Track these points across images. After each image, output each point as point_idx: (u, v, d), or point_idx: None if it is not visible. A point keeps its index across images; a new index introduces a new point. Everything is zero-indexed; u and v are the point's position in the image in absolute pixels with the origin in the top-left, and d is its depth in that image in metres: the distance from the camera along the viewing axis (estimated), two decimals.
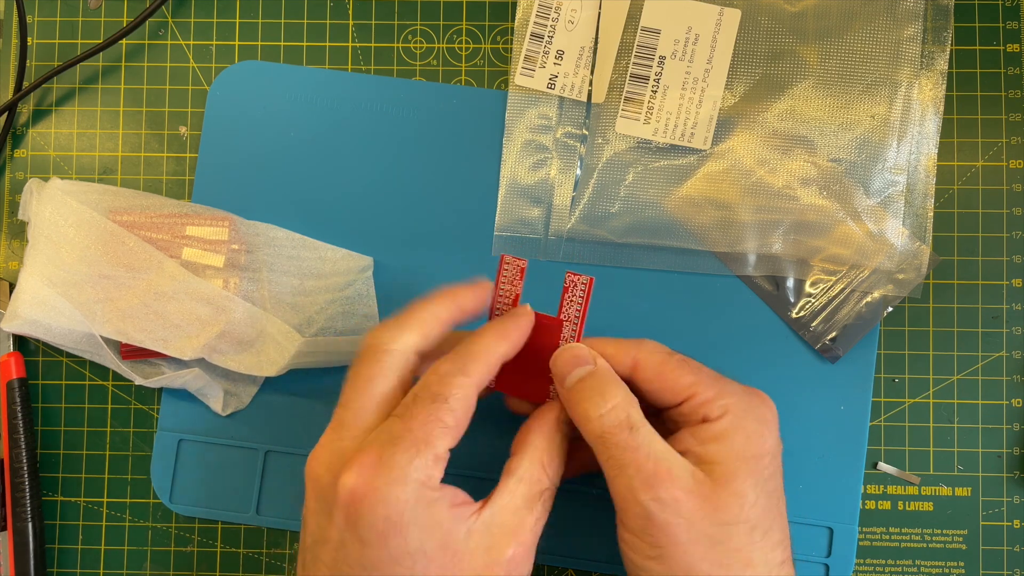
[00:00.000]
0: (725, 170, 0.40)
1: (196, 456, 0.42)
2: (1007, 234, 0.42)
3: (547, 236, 0.41)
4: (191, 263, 0.40)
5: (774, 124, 0.40)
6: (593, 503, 0.41)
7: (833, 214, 0.40)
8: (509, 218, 0.41)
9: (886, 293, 0.40)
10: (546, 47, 0.41)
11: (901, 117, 0.40)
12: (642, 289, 0.41)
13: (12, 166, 0.44)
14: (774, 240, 0.40)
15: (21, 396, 0.41)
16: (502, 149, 0.41)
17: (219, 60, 0.43)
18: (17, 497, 0.41)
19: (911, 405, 0.41)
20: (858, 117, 0.40)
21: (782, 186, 0.40)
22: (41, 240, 0.40)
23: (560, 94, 0.41)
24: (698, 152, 0.41)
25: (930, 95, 0.41)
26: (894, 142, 0.40)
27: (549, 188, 0.41)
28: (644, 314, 0.41)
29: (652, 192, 0.41)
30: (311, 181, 0.42)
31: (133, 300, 0.40)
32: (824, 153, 0.40)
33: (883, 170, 0.40)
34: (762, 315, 0.41)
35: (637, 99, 0.41)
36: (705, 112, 0.40)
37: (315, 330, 0.40)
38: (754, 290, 0.41)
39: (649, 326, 0.41)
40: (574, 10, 0.41)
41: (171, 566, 0.42)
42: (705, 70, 0.40)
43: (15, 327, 0.39)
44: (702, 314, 0.41)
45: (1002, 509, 0.41)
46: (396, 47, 0.43)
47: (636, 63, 0.41)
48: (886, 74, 0.40)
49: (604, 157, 0.41)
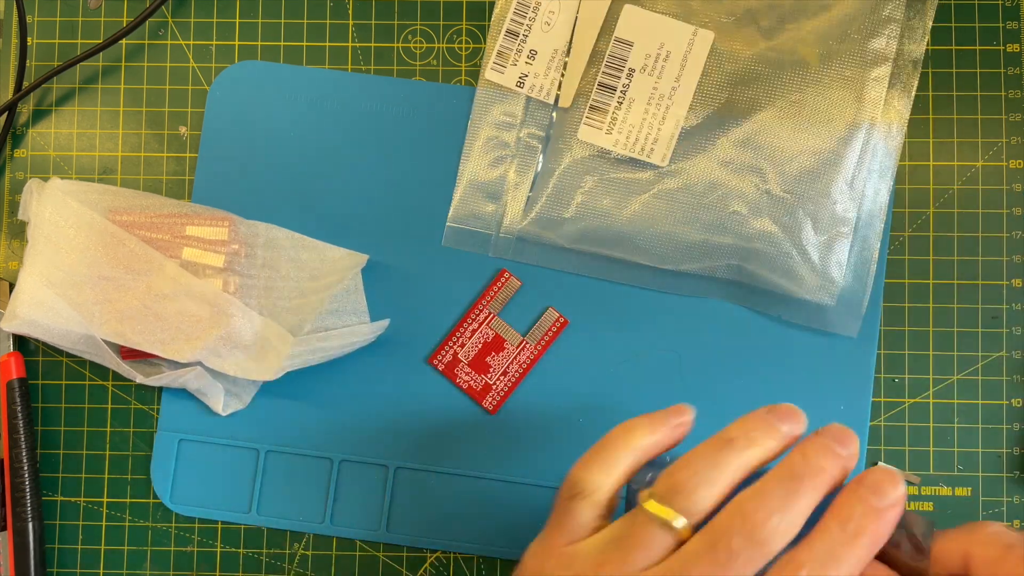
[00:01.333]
0: (679, 189, 0.40)
1: (196, 456, 0.42)
2: (1007, 234, 0.42)
3: (498, 233, 0.41)
4: (191, 263, 0.40)
5: (732, 149, 0.40)
6: None
7: (780, 244, 0.40)
8: (463, 210, 0.41)
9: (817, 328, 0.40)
10: (520, 45, 0.41)
11: (858, 158, 0.40)
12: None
13: (12, 166, 0.44)
14: (719, 263, 0.40)
15: (21, 396, 0.41)
16: (463, 141, 0.42)
17: (219, 60, 0.43)
18: (17, 497, 0.41)
19: (911, 405, 0.42)
20: (815, 153, 0.40)
21: (733, 211, 0.40)
22: (41, 240, 0.39)
23: (528, 94, 0.41)
24: (655, 168, 0.41)
25: (891, 141, 0.40)
26: (847, 182, 0.40)
27: (506, 186, 0.41)
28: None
29: (606, 202, 0.41)
30: (311, 181, 0.42)
31: (132, 302, 0.40)
32: (778, 183, 0.40)
33: (833, 208, 0.40)
34: (748, 320, 0.41)
35: (602, 108, 0.41)
36: (667, 129, 0.40)
37: (307, 330, 0.40)
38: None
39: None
40: (552, 12, 0.41)
41: (171, 566, 0.42)
42: (672, 87, 0.40)
43: (14, 327, 0.39)
44: (689, 327, 0.41)
45: (1002, 509, 0.41)
46: (396, 47, 0.43)
47: (605, 72, 0.41)
48: (848, 114, 0.40)
49: (564, 162, 0.41)
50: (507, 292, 0.41)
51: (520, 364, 0.41)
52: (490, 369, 0.41)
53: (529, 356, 0.41)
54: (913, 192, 0.42)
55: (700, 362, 0.41)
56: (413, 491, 0.41)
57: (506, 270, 0.41)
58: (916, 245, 0.42)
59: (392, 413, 0.41)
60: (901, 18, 0.40)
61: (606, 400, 0.41)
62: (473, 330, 0.41)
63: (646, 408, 0.41)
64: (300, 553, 0.42)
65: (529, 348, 0.41)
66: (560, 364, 0.41)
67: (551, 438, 0.41)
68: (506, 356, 0.41)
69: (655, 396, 0.41)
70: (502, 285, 0.41)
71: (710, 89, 0.41)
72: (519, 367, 0.41)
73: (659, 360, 0.41)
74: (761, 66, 0.40)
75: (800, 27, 0.40)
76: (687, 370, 0.41)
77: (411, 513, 0.41)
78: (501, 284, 0.41)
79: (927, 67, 0.42)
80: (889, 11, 0.40)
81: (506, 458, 0.41)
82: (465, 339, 0.41)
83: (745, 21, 0.41)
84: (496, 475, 0.41)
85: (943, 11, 0.42)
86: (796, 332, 0.41)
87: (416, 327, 0.42)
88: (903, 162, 0.42)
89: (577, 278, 0.41)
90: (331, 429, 0.42)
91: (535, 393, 0.41)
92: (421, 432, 0.41)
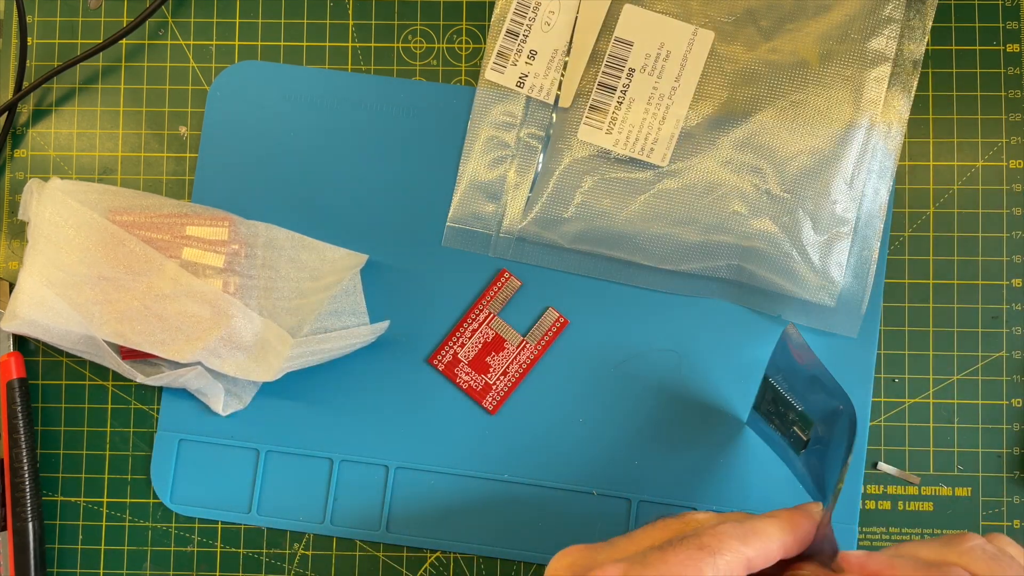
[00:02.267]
0: (679, 189, 0.40)
1: (196, 456, 0.42)
2: (1007, 234, 0.42)
3: (498, 233, 0.41)
4: (191, 263, 0.40)
5: (732, 149, 0.40)
6: (591, 502, 0.41)
7: (780, 244, 0.40)
8: (463, 211, 0.41)
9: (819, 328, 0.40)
10: (519, 45, 0.41)
11: (858, 158, 0.40)
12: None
13: (12, 166, 0.44)
14: (719, 263, 0.40)
15: (21, 396, 0.41)
16: (463, 141, 0.42)
17: (219, 60, 0.43)
18: (17, 497, 0.41)
19: (911, 405, 0.42)
20: (815, 153, 0.40)
21: (733, 211, 0.40)
22: (41, 240, 0.40)
23: (528, 94, 0.41)
24: (655, 168, 0.41)
25: (891, 141, 0.40)
26: (846, 182, 0.40)
27: (506, 186, 0.41)
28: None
29: (606, 202, 0.41)
30: (311, 181, 0.42)
31: (133, 302, 0.40)
32: (778, 183, 0.40)
33: (833, 208, 0.40)
34: (748, 320, 0.41)
35: (602, 108, 0.41)
36: (667, 129, 0.40)
37: (306, 331, 0.40)
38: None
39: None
40: (551, 12, 0.41)
41: (171, 566, 0.42)
42: (672, 87, 0.40)
43: (14, 327, 0.39)
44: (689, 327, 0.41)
45: (1002, 509, 0.41)
46: (396, 47, 0.43)
47: (605, 72, 0.41)
48: (848, 114, 0.40)
49: (564, 162, 0.41)
50: (507, 292, 0.41)
51: (520, 364, 0.41)
52: (490, 369, 0.41)
53: (529, 356, 0.41)
54: (913, 192, 0.42)
55: (700, 362, 0.41)
56: (413, 491, 0.41)
57: (506, 270, 0.41)
58: (916, 245, 0.42)
59: (392, 413, 0.41)
60: (901, 18, 0.40)
61: (606, 400, 0.41)
62: (473, 330, 0.41)
63: (646, 407, 0.41)
64: (300, 553, 0.42)
65: (529, 348, 0.41)
66: (560, 364, 0.41)
67: (551, 438, 0.41)
68: (506, 356, 0.41)
69: (655, 396, 0.41)
70: (502, 285, 0.41)
71: (710, 89, 0.41)
72: (519, 367, 0.41)
73: (659, 360, 0.41)
74: (761, 66, 0.40)
75: (800, 27, 0.40)
76: (687, 370, 0.41)
77: (411, 513, 0.41)
78: (501, 284, 0.41)
79: (927, 67, 0.42)
80: (889, 11, 0.40)
81: (506, 458, 0.41)
82: (465, 339, 0.41)
83: (745, 21, 0.41)
84: (496, 475, 0.41)
85: (943, 11, 0.42)
86: None
87: (416, 327, 0.42)
88: (903, 162, 0.42)
89: (577, 278, 0.41)
90: (331, 429, 0.42)
91: (535, 393, 0.41)
92: (421, 432, 0.41)
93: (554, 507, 0.41)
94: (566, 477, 0.41)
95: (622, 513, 0.41)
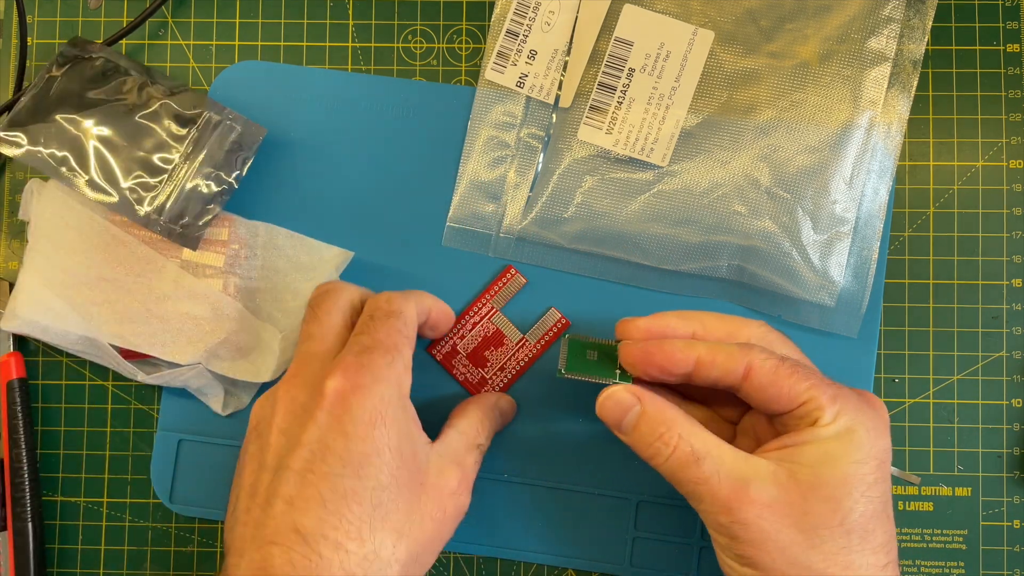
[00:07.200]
0: (679, 189, 0.40)
1: (196, 456, 0.42)
2: (1007, 234, 0.42)
3: (498, 233, 0.41)
4: (191, 263, 0.40)
5: (732, 149, 0.40)
6: (591, 502, 0.41)
7: (780, 244, 0.40)
8: (463, 210, 0.41)
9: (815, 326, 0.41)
10: (520, 45, 0.41)
11: (858, 158, 0.40)
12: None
13: (12, 166, 0.44)
14: (719, 263, 0.40)
15: (21, 396, 0.41)
16: (464, 141, 0.42)
17: (219, 60, 0.43)
18: (17, 497, 0.41)
19: (911, 405, 0.42)
20: (815, 152, 0.40)
21: (733, 211, 0.40)
22: (41, 241, 0.40)
23: (528, 94, 0.41)
24: (655, 168, 0.41)
25: (891, 141, 0.40)
26: (846, 182, 0.40)
27: (506, 186, 0.41)
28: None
29: (606, 202, 0.41)
30: (311, 180, 0.42)
31: (133, 303, 0.40)
32: (777, 183, 0.40)
33: (833, 207, 0.40)
34: None
35: (602, 108, 0.41)
36: (667, 129, 0.40)
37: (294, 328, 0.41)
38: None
39: None
40: (551, 12, 0.41)
41: (171, 566, 0.42)
42: (672, 87, 0.40)
43: (14, 327, 0.39)
44: None
45: (1002, 509, 0.41)
46: (396, 47, 0.43)
47: (606, 72, 0.41)
48: (848, 114, 0.40)
49: (564, 162, 0.41)
50: (512, 288, 0.41)
51: (518, 361, 0.41)
52: (488, 364, 0.41)
53: (528, 354, 0.41)
54: (913, 192, 0.42)
55: None
56: None
57: (512, 266, 0.41)
58: (916, 245, 0.42)
59: None
60: (901, 18, 0.40)
61: None
62: (474, 323, 0.41)
63: None
64: None
65: (528, 346, 0.41)
66: (559, 364, 0.41)
67: (549, 438, 0.41)
68: (505, 352, 0.41)
69: None
70: (507, 281, 0.41)
71: (710, 89, 0.41)
72: (517, 364, 0.41)
73: None
74: (761, 66, 0.40)
75: (800, 27, 0.40)
76: None
77: None
78: (507, 280, 0.41)
79: (927, 67, 0.42)
80: (889, 11, 0.40)
81: (504, 458, 0.41)
82: (466, 331, 0.41)
83: (745, 21, 0.41)
84: (495, 475, 0.41)
85: (943, 11, 0.42)
86: (796, 332, 0.41)
87: None
88: (903, 162, 0.42)
89: (579, 278, 0.41)
90: None
91: (533, 392, 0.41)
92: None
93: (553, 507, 0.41)
94: (565, 477, 0.41)
95: (622, 513, 0.41)
